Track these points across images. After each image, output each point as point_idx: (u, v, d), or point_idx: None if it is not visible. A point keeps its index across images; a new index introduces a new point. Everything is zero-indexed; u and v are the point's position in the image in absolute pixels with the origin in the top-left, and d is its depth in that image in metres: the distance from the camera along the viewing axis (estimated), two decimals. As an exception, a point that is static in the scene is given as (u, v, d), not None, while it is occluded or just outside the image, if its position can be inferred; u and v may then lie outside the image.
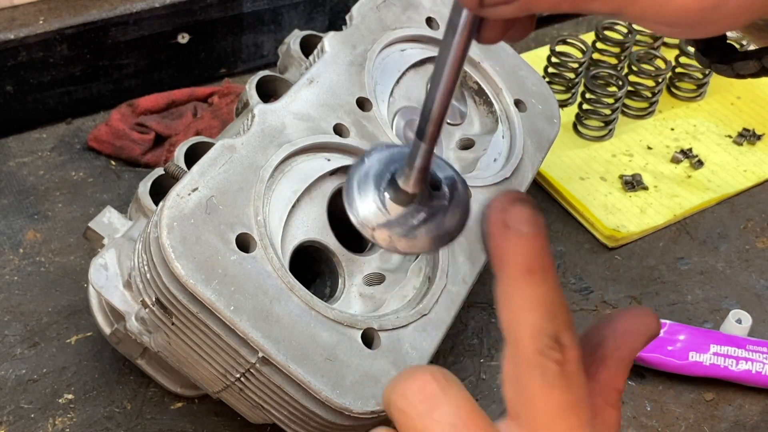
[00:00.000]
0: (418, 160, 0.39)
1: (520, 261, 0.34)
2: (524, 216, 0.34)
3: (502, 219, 0.35)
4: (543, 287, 0.34)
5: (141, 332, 0.66)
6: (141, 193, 0.71)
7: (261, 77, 0.79)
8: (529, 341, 0.34)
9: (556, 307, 0.34)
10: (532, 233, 0.34)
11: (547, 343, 0.34)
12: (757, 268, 0.91)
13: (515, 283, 0.35)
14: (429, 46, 0.83)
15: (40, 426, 0.73)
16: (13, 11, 0.98)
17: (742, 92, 1.12)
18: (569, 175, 0.98)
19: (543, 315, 0.34)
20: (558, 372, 0.34)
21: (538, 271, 0.34)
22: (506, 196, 0.35)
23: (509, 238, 0.34)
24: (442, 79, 0.38)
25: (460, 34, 0.36)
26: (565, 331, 0.34)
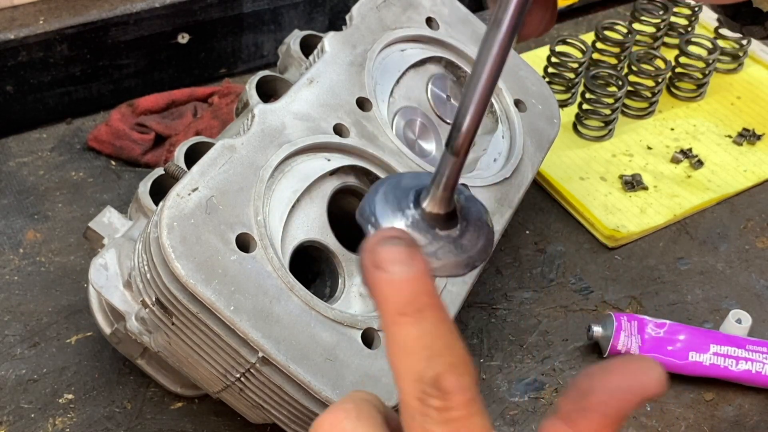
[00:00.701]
0: (446, 177, 0.37)
1: (391, 304, 0.33)
2: (393, 256, 0.33)
3: (372, 260, 0.33)
4: (418, 329, 0.32)
5: (141, 332, 0.66)
6: (141, 193, 0.71)
7: (261, 77, 0.79)
8: (408, 387, 0.33)
9: (437, 349, 0.32)
10: (402, 274, 0.32)
11: (424, 389, 0.32)
12: (757, 268, 0.91)
13: (390, 326, 0.33)
14: (429, 46, 0.83)
15: (40, 426, 0.73)
16: (13, 11, 0.98)
17: (742, 92, 1.12)
18: (569, 175, 0.98)
19: (419, 359, 0.32)
20: (438, 419, 0.32)
21: (411, 313, 0.32)
22: (377, 236, 0.34)
23: (379, 280, 0.33)
24: (481, 83, 0.35)
25: (505, 30, 0.34)
26: (449, 373, 0.32)
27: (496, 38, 0.34)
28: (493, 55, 0.34)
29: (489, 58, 0.34)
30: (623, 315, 0.81)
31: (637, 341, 0.79)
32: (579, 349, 0.82)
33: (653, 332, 0.79)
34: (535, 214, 0.95)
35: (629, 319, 0.80)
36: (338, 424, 0.35)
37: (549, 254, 0.91)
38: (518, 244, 0.91)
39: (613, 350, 0.79)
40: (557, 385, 0.79)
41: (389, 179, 0.39)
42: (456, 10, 0.87)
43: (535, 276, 0.89)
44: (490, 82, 0.35)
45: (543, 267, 0.90)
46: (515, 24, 0.34)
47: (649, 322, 0.80)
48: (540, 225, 0.94)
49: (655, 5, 1.13)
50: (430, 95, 0.81)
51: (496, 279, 0.88)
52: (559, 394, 0.79)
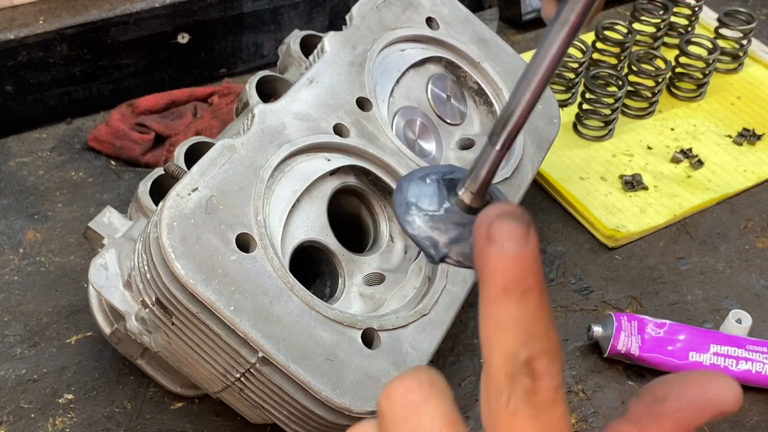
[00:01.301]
0: (486, 169, 0.37)
1: (499, 279, 0.32)
2: (509, 232, 0.32)
3: (487, 232, 0.33)
4: (520, 309, 0.32)
5: (141, 332, 0.66)
6: (141, 193, 0.71)
7: (261, 77, 0.79)
8: (499, 363, 0.33)
9: (535, 332, 0.32)
10: (515, 251, 0.32)
11: (516, 367, 0.32)
12: (757, 268, 0.91)
13: (492, 301, 0.33)
14: (429, 46, 0.83)
15: (40, 426, 0.73)
16: (13, 11, 0.98)
17: (742, 92, 1.12)
18: (569, 175, 0.98)
19: (516, 338, 0.32)
20: (525, 400, 0.32)
21: (517, 291, 0.32)
22: (496, 208, 0.33)
23: (490, 254, 0.32)
24: (537, 77, 0.35)
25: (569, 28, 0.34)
26: (542, 358, 0.32)
27: (560, 35, 0.34)
28: (554, 52, 0.34)
29: (549, 54, 0.34)
30: (623, 315, 0.80)
31: (637, 341, 0.79)
32: (579, 349, 0.82)
33: (653, 332, 0.79)
34: (535, 214, 0.95)
35: (629, 319, 0.80)
36: (410, 394, 0.34)
37: (549, 254, 0.91)
38: (518, 244, 0.91)
39: (613, 350, 0.79)
40: (557, 385, 0.79)
41: (414, 174, 0.39)
42: (456, 10, 0.87)
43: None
44: (545, 79, 0.35)
45: (543, 267, 0.90)
46: (580, 23, 0.34)
47: (649, 322, 0.80)
48: (540, 225, 0.94)
49: (655, 5, 1.13)
50: (430, 95, 0.81)
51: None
52: (559, 394, 0.79)
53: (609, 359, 0.81)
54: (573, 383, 0.80)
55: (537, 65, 0.35)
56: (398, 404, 0.34)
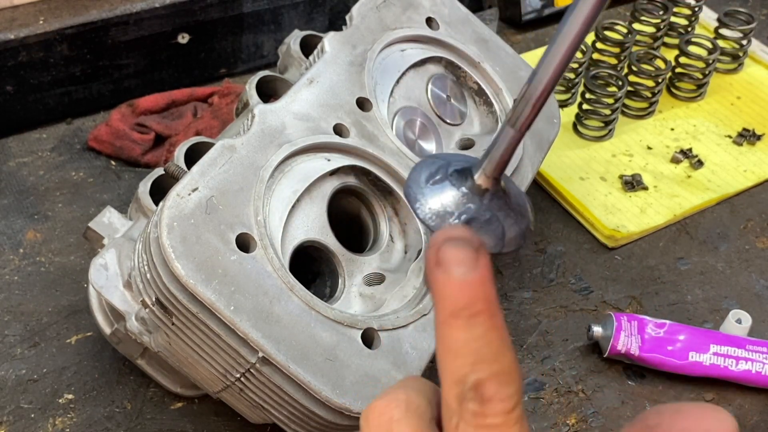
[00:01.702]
0: (502, 149, 0.37)
1: (447, 305, 0.33)
2: (456, 257, 0.32)
3: (435, 257, 0.33)
4: (468, 334, 0.32)
5: (141, 332, 0.66)
6: (141, 193, 0.71)
7: (261, 77, 0.79)
8: (448, 387, 0.33)
9: (484, 356, 0.33)
10: (461, 276, 0.32)
11: (463, 392, 0.33)
12: (757, 268, 0.91)
13: (441, 326, 0.33)
14: (429, 46, 0.83)
15: (40, 426, 0.73)
16: (13, 11, 0.98)
17: (742, 92, 1.12)
18: (569, 175, 0.98)
19: (464, 362, 0.33)
20: (473, 423, 0.33)
21: (464, 316, 0.32)
22: (443, 232, 0.33)
23: (438, 278, 0.33)
24: (561, 51, 0.34)
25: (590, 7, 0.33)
26: (490, 381, 0.32)
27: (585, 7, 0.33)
28: (578, 27, 0.34)
29: (572, 29, 0.34)
30: (623, 315, 0.81)
31: (637, 341, 0.79)
32: (579, 349, 0.82)
33: (653, 332, 0.79)
34: (535, 214, 0.95)
35: (629, 319, 0.80)
36: (387, 413, 0.35)
37: (549, 254, 0.91)
38: (518, 244, 0.91)
39: (613, 350, 0.79)
40: (557, 385, 0.79)
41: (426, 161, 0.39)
42: (456, 10, 0.87)
43: (535, 276, 0.89)
44: (567, 57, 0.34)
45: (543, 267, 0.90)
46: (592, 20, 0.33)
47: (649, 322, 0.80)
48: (540, 225, 0.94)
49: (655, 5, 1.13)
50: (430, 95, 0.81)
51: (496, 279, 0.88)
52: (559, 394, 0.79)
53: (609, 359, 0.81)
54: (573, 383, 0.80)
55: (560, 42, 0.34)
56: (374, 423, 0.35)
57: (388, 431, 0.35)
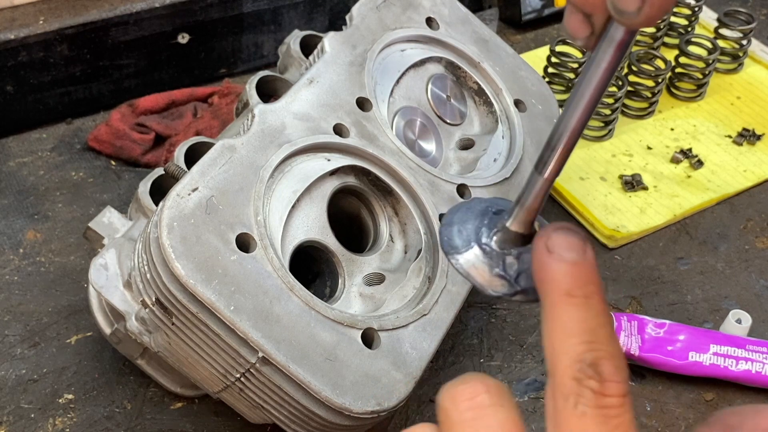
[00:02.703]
0: (532, 198, 0.37)
1: (560, 285, 0.33)
2: (568, 243, 0.34)
3: (546, 244, 0.34)
4: (584, 313, 0.33)
5: (141, 332, 0.66)
6: (141, 193, 0.71)
7: (261, 77, 0.79)
8: (565, 368, 0.33)
9: (599, 336, 0.33)
10: (574, 259, 0.34)
11: (583, 369, 0.32)
12: (757, 268, 0.91)
13: (555, 307, 0.34)
14: (429, 46, 0.83)
15: (40, 426, 0.73)
16: (13, 11, 0.98)
17: (741, 92, 1.12)
18: (569, 175, 0.98)
19: (581, 341, 0.33)
20: (594, 402, 0.32)
21: (579, 296, 0.33)
22: (552, 226, 0.35)
23: (550, 263, 0.34)
24: (586, 98, 0.35)
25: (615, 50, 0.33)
26: (607, 361, 0.32)
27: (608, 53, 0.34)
28: (602, 71, 0.34)
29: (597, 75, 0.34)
30: (623, 315, 0.80)
31: (637, 341, 0.79)
32: (579, 349, 0.82)
33: (653, 332, 0.79)
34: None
35: (629, 319, 0.80)
36: (478, 396, 0.34)
37: (549, 254, 0.91)
38: (518, 244, 0.91)
39: (613, 350, 0.79)
40: (557, 385, 0.79)
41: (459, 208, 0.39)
42: (456, 10, 0.87)
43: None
44: (593, 101, 0.35)
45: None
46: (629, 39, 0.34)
47: (649, 322, 0.80)
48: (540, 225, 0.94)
49: (655, 5, 1.13)
50: (430, 95, 0.81)
51: (496, 279, 0.88)
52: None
53: (735, 397, 0.81)
54: (573, 383, 0.80)
55: (585, 87, 0.34)
56: (464, 406, 0.34)
57: (483, 415, 0.34)
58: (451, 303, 0.69)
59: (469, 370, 0.80)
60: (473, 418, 0.34)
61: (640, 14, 0.31)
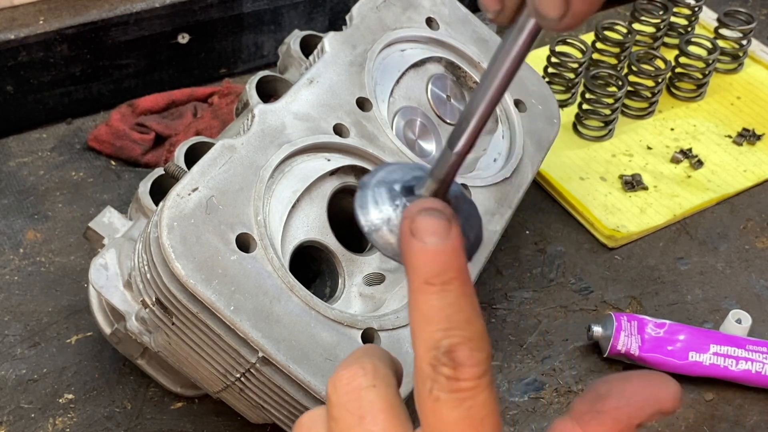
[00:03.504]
0: (444, 172, 0.38)
1: (420, 272, 0.34)
2: (430, 226, 0.34)
3: (409, 227, 0.34)
4: (441, 300, 0.34)
5: (141, 332, 0.66)
6: (141, 193, 0.71)
7: (261, 77, 0.79)
8: (422, 354, 0.34)
9: (456, 321, 0.34)
10: (434, 245, 0.34)
11: (437, 356, 0.33)
12: (757, 268, 0.91)
13: (415, 293, 0.34)
14: (429, 46, 0.83)
15: (40, 426, 0.73)
16: (13, 11, 0.98)
17: (742, 92, 1.12)
18: (569, 175, 0.98)
19: (438, 328, 0.34)
20: (446, 387, 0.33)
21: (438, 283, 0.34)
22: (417, 204, 0.35)
23: (413, 248, 0.34)
24: (495, 82, 0.35)
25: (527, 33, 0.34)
26: (463, 346, 0.33)
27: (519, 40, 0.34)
28: (513, 56, 0.35)
29: (508, 58, 0.35)
30: (623, 315, 0.81)
31: (637, 341, 0.79)
32: (579, 349, 0.82)
33: (653, 332, 0.79)
34: (535, 214, 0.95)
35: (629, 319, 0.80)
36: (356, 380, 0.36)
37: (549, 254, 0.91)
38: (518, 244, 0.91)
39: (613, 350, 0.79)
40: (557, 385, 0.79)
41: (379, 171, 0.40)
42: (456, 10, 0.87)
43: (535, 276, 0.89)
44: (504, 84, 0.35)
45: (543, 267, 0.90)
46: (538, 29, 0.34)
47: (649, 322, 0.80)
48: (540, 225, 0.94)
49: (655, 5, 1.13)
50: (430, 95, 0.81)
51: (496, 279, 0.88)
52: (559, 394, 0.79)
53: (609, 359, 0.81)
54: (573, 383, 0.80)
55: (495, 72, 0.35)
56: (342, 390, 0.36)
57: (357, 398, 0.36)
58: (451, 303, 0.69)
59: (469, 370, 0.80)
60: (349, 400, 0.36)
61: (561, 23, 0.32)
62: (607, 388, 0.36)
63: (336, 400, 0.36)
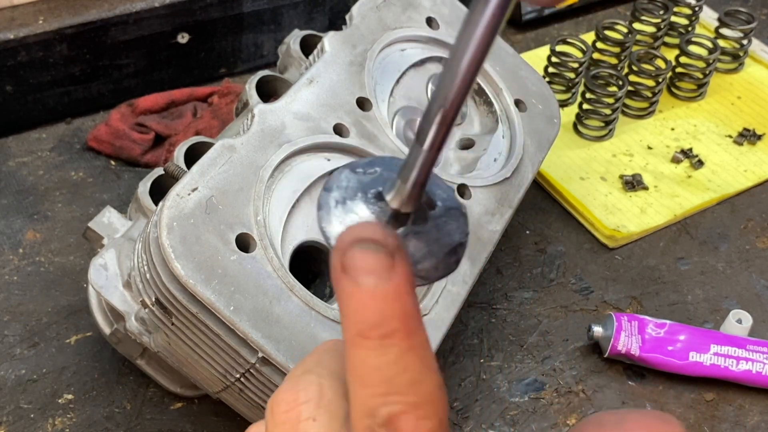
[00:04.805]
0: (415, 172, 0.31)
1: (353, 321, 0.27)
2: (364, 263, 0.27)
3: (341, 262, 0.27)
4: (379, 358, 0.27)
5: (141, 332, 0.66)
6: (141, 193, 0.71)
7: (261, 77, 0.79)
8: (357, 419, 0.28)
9: (399, 386, 0.27)
10: (372, 288, 0.27)
11: (371, 428, 0.27)
12: (758, 268, 0.91)
13: (348, 346, 0.28)
14: (429, 46, 0.83)
15: (39, 426, 0.73)
16: (12, 11, 0.98)
17: (742, 92, 1.12)
18: (569, 175, 0.98)
19: (374, 393, 0.27)
20: None
21: (375, 337, 0.27)
22: (352, 232, 0.28)
23: (344, 288, 0.27)
24: (464, 60, 0.29)
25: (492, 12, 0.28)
26: (408, 415, 0.27)
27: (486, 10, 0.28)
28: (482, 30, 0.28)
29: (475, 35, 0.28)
30: (623, 315, 0.80)
31: (638, 341, 0.79)
32: (579, 349, 0.82)
33: (653, 332, 0.79)
34: (535, 214, 0.95)
35: (630, 319, 0.80)
36: (292, 409, 0.30)
37: (549, 254, 0.91)
38: (518, 244, 0.91)
39: (613, 350, 0.79)
40: (557, 385, 0.79)
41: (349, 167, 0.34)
42: (456, 10, 0.87)
43: (535, 276, 0.89)
44: (475, 66, 0.29)
45: (543, 267, 0.90)
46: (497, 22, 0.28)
47: (650, 322, 0.80)
48: (540, 225, 0.94)
49: (656, 5, 1.13)
50: (430, 95, 0.81)
51: (496, 279, 0.88)
52: (560, 394, 0.79)
53: (609, 359, 0.81)
54: (573, 383, 0.80)
55: (463, 46, 0.29)
56: (279, 418, 0.30)
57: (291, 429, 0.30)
58: (451, 303, 0.69)
59: (468, 371, 0.80)
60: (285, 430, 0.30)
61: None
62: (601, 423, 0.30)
63: (272, 429, 0.30)
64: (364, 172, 0.34)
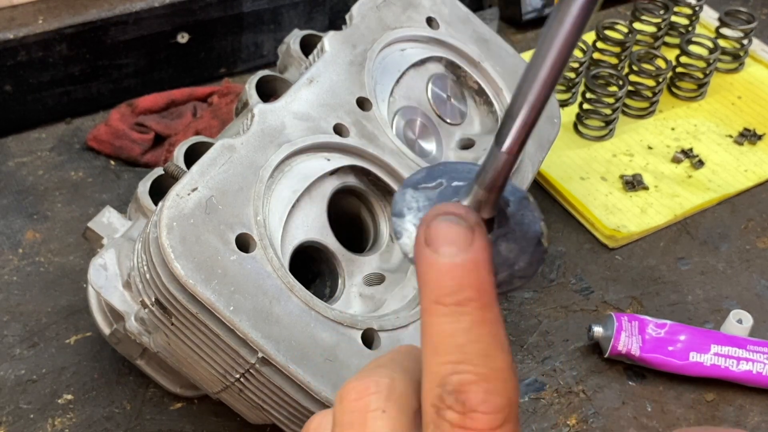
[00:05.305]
0: (495, 176, 0.31)
1: (431, 289, 0.28)
2: (445, 234, 0.28)
3: (425, 234, 0.28)
4: (453, 325, 0.27)
5: (140, 332, 0.66)
6: (140, 193, 0.71)
7: (261, 77, 0.79)
8: (427, 392, 0.28)
9: (471, 355, 0.27)
10: (450, 258, 0.27)
11: (441, 396, 0.27)
12: (758, 268, 0.91)
13: (423, 313, 0.28)
14: (429, 45, 0.83)
15: (39, 426, 0.73)
16: (12, 11, 0.98)
17: (742, 92, 1.12)
18: (569, 175, 0.98)
19: (446, 361, 0.27)
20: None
21: (450, 304, 0.27)
22: (438, 208, 0.29)
23: (423, 259, 0.28)
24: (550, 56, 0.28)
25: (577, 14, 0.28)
26: (477, 386, 0.27)
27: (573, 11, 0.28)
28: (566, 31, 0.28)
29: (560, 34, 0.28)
30: (624, 315, 0.80)
31: (638, 341, 0.79)
32: (579, 350, 0.82)
33: (654, 332, 0.79)
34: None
35: (630, 320, 0.80)
36: (365, 399, 0.30)
37: (549, 254, 0.91)
38: (518, 244, 0.91)
39: (613, 350, 0.79)
40: (558, 385, 0.79)
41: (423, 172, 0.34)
42: (456, 10, 0.86)
43: (536, 276, 0.88)
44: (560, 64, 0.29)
45: (543, 267, 0.90)
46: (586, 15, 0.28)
47: (650, 322, 0.80)
48: (540, 225, 0.94)
49: (656, 5, 1.13)
50: (430, 95, 0.81)
51: (496, 279, 0.88)
52: (560, 394, 0.78)
53: (609, 359, 0.81)
54: (573, 383, 0.79)
55: (549, 42, 0.29)
56: (348, 407, 0.31)
57: (361, 421, 0.30)
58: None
59: (469, 371, 0.79)
60: (352, 423, 0.30)
61: None
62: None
63: (339, 418, 0.31)
64: (428, 186, 0.33)
